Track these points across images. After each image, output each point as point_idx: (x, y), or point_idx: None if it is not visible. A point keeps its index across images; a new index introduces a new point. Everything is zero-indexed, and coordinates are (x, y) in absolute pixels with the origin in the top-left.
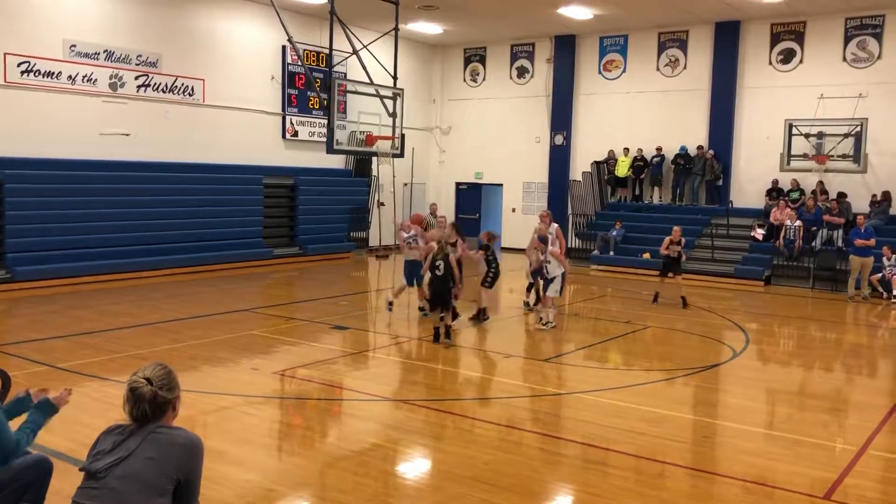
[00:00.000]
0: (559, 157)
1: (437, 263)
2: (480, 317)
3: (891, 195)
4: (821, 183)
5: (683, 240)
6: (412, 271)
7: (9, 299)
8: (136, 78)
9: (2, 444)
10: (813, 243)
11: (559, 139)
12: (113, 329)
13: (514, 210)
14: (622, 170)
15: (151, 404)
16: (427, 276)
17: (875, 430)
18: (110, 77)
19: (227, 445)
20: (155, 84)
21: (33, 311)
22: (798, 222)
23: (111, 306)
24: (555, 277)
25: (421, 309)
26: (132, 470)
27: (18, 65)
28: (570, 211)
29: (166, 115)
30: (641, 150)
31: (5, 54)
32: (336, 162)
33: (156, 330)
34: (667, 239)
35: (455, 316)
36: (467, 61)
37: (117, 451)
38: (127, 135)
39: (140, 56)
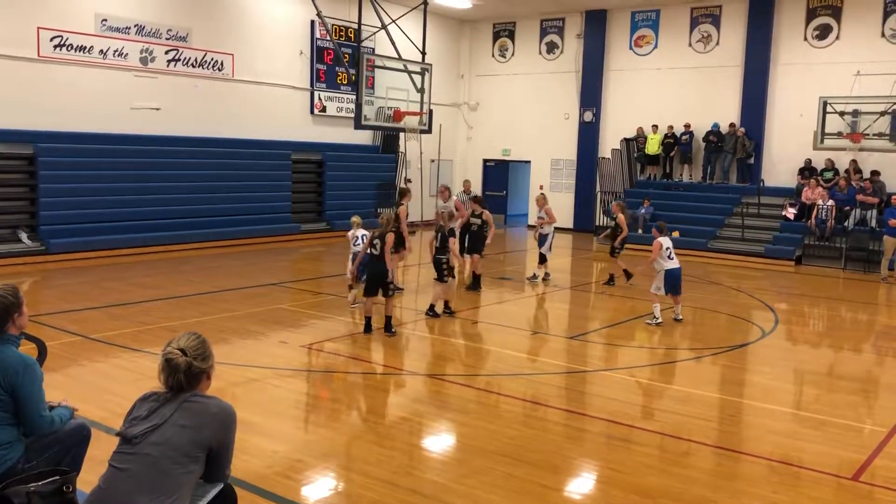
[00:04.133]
0: (588, 134)
1: (374, 243)
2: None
3: None
4: (854, 162)
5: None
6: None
7: (43, 270)
8: (167, 52)
9: (42, 425)
10: (845, 223)
11: (588, 116)
12: (144, 301)
13: (541, 187)
14: (652, 147)
15: (187, 374)
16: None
17: None
18: (141, 51)
19: (255, 416)
20: (185, 59)
21: (66, 282)
22: (830, 202)
23: (142, 278)
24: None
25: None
26: (166, 437)
27: (51, 39)
28: (598, 188)
29: (196, 87)
30: (672, 128)
31: (38, 28)
32: (363, 138)
33: (186, 302)
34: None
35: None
36: (496, 36)
37: (152, 418)
38: (157, 109)
39: (170, 30)
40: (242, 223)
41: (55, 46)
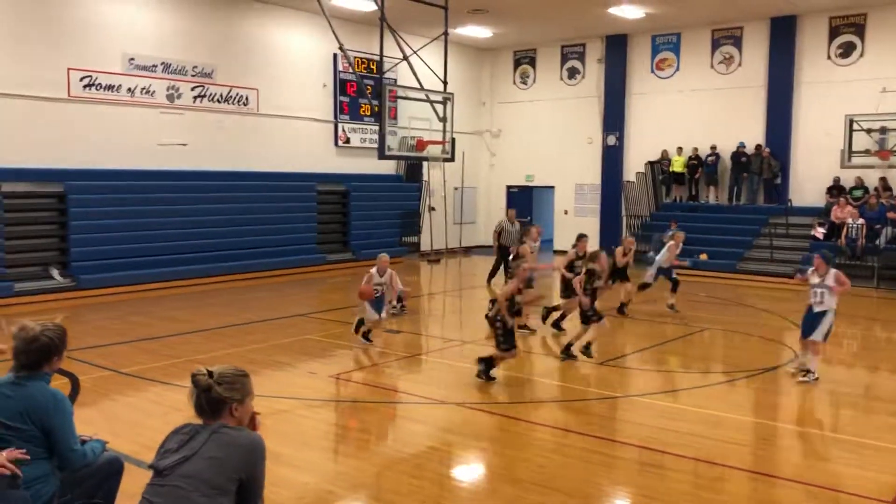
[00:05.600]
0: (612, 158)
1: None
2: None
3: None
4: (884, 179)
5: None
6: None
7: (73, 306)
8: (193, 89)
9: (74, 458)
10: (877, 241)
11: (612, 139)
12: (173, 335)
13: (566, 212)
14: (677, 168)
15: (206, 395)
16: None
17: None
18: (167, 89)
19: (284, 448)
20: (210, 94)
21: (96, 317)
22: (861, 220)
23: (171, 312)
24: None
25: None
26: (195, 469)
27: (81, 79)
28: (623, 212)
29: (220, 124)
30: (696, 150)
31: (69, 69)
32: (387, 168)
33: (214, 335)
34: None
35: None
36: (517, 63)
37: (182, 451)
38: (184, 145)
39: (196, 67)
40: (269, 255)
41: (85, 86)
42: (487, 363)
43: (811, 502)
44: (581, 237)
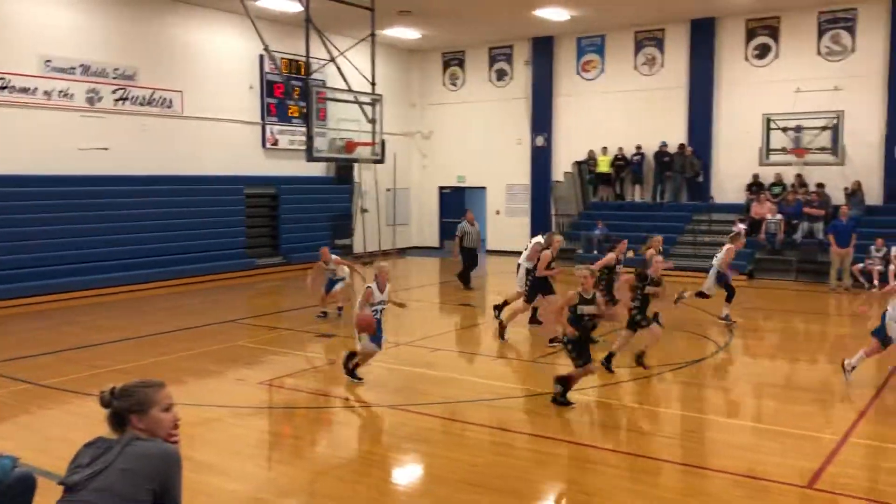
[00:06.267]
0: (541, 158)
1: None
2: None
3: (861, 185)
4: (799, 176)
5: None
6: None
7: None
8: (114, 91)
9: None
10: (794, 236)
11: (540, 140)
12: (99, 344)
13: (498, 212)
14: (603, 168)
15: (110, 411)
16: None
17: (857, 419)
18: (87, 91)
19: (212, 457)
20: (133, 97)
21: (20, 328)
22: (779, 216)
23: (97, 321)
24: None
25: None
26: (108, 482)
27: None
28: (553, 211)
29: (143, 128)
30: (622, 149)
31: None
32: (317, 170)
33: (142, 343)
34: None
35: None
36: (446, 65)
37: (94, 465)
38: (106, 149)
39: (117, 69)
40: (197, 261)
41: None
42: (564, 384)
43: (737, 490)
44: (618, 240)
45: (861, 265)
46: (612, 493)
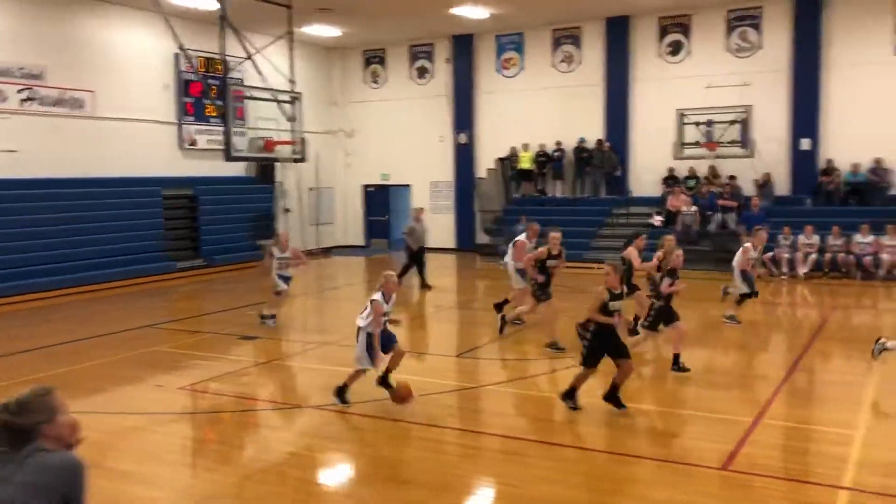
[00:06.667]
0: (464, 156)
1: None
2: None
3: (770, 176)
4: (713, 168)
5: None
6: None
7: None
8: (20, 91)
9: None
10: (709, 227)
11: (462, 138)
12: (9, 354)
13: (422, 210)
14: (524, 164)
15: (9, 432)
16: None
17: (769, 401)
18: None
19: (133, 465)
20: (41, 97)
21: None
22: (694, 208)
23: (8, 330)
24: None
25: None
26: (8, 496)
27: None
28: (477, 207)
29: (53, 129)
30: (543, 146)
31: None
32: (238, 170)
33: (56, 352)
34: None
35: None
36: (367, 63)
37: None
38: (13, 151)
39: (22, 69)
40: (114, 265)
41: None
42: (571, 395)
43: (660, 473)
44: (637, 234)
45: (771, 253)
46: (535, 483)
